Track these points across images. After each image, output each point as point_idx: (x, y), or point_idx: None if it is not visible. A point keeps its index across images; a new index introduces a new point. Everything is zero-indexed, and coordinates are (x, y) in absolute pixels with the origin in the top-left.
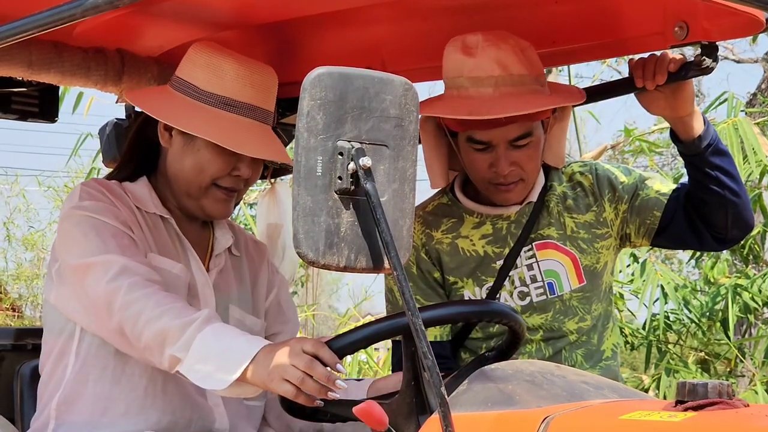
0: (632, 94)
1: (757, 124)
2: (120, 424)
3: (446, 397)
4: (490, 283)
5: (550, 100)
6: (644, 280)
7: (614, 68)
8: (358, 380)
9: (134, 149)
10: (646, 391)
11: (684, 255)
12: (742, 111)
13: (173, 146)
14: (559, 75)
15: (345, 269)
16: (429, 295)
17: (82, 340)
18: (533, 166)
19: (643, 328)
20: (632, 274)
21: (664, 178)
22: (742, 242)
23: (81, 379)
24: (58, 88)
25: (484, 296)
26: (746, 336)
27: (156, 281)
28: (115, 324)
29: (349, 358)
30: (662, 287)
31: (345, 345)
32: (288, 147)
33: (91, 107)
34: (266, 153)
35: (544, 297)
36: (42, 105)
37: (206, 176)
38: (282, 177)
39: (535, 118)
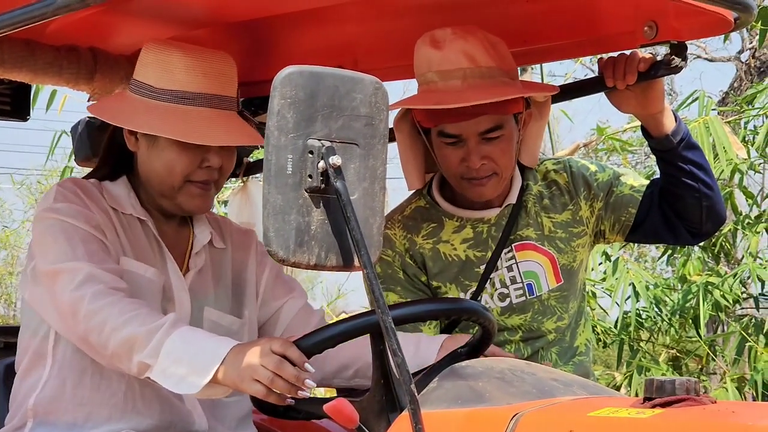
0: (602, 93)
1: (729, 122)
2: (103, 427)
3: (416, 394)
4: (474, 288)
5: (517, 91)
6: (617, 278)
7: (587, 67)
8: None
9: (109, 153)
10: (618, 388)
11: (656, 252)
12: (713, 109)
13: (140, 149)
14: (532, 73)
15: (315, 267)
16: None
17: (58, 343)
18: (506, 160)
19: (615, 326)
20: (604, 273)
21: (637, 174)
22: (713, 240)
23: (59, 382)
24: (30, 86)
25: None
26: (717, 333)
27: (122, 288)
28: (81, 332)
29: None
30: (633, 286)
31: (313, 344)
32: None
33: (66, 105)
34: (228, 139)
35: (523, 298)
36: (14, 103)
37: (177, 175)
38: (254, 175)
39: (506, 111)
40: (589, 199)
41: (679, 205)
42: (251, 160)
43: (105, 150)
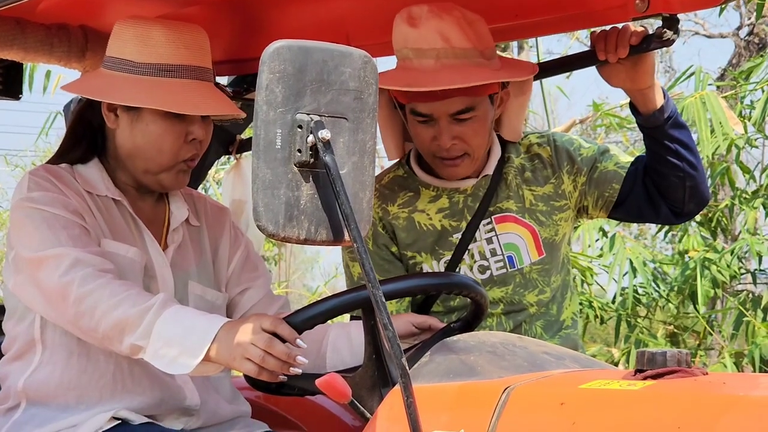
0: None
1: (725, 97)
2: (95, 408)
3: (407, 368)
4: (448, 257)
5: (490, 75)
6: (614, 254)
7: (583, 43)
8: None
9: (77, 134)
10: (616, 364)
11: (655, 228)
12: (710, 85)
13: (121, 126)
14: (529, 50)
15: (305, 242)
16: (386, 271)
17: (45, 329)
18: (479, 141)
19: (613, 302)
20: (601, 249)
21: (622, 152)
22: (710, 215)
23: (50, 367)
24: (22, 65)
25: (442, 270)
26: (715, 309)
27: (109, 270)
28: (71, 316)
29: None
30: (631, 261)
31: (303, 320)
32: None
33: (59, 85)
34: (213, 109)
35: (504, 270)
36: (6, 82)
37: (166, 153)
38: (247, 152)
39: (478, 93)
40: (572, 174)
41: (663, 183)
42: (244, 137)
43: (74, 131)
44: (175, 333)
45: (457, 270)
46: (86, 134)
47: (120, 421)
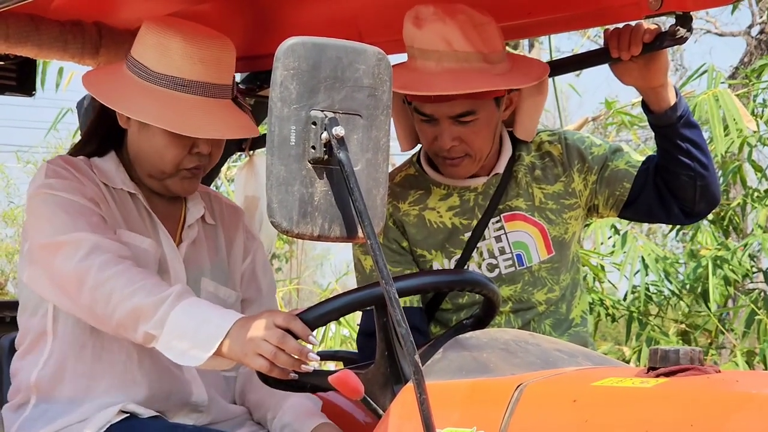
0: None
1: (738, 95)
2: (102, 399)
3: (420, 365)
4: (459, 255)
5: (490, 81)
6: (626, 252)
7: (593, 41)
8: None
9: (97, 126)
10: (628, 362)
11: (666, 228)
12: (722, 83)
13: (131, 129)
14: (540, 48)
15: (319, 238)
16: (397, 263)
17: (57, 320)
18: (480, 143)
19: (624, 300)
20: (613, 246)
21: (633, 151)
22: (722, 214)
23: (61, 358)
24: (36, 61)
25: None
26: (726, 307)
27: (127, 257)
28: (86, 302)
29: (331, 331)
30: (643, 259)
31: (317, 317)
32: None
33: (71, 82)
34: (220, 131)
35: (512, 269)
36: (19, 78)
37: (168, 162)
38: (260, 149)
39: (481, 96)
40: (583, 172)
41: (674, 182)
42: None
43: (94, 125)
44: (189, 325)
45: (466, 268)
46: (104, 126)
47: (128, 415)
